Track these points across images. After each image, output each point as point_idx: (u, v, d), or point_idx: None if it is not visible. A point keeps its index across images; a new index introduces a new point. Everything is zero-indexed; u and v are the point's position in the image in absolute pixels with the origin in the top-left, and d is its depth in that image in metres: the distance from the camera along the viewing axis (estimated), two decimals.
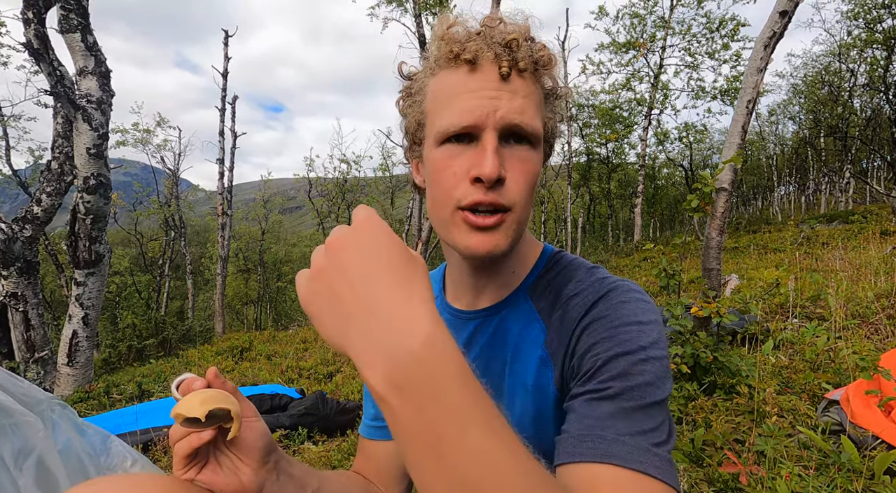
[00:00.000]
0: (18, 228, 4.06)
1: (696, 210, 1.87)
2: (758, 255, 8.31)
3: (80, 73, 3.75)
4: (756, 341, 2.30)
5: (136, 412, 2.15)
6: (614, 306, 0.52)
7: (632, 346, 0.47)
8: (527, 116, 0.52)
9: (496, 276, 0.62)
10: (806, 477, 1.25)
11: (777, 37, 1.76)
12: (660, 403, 0.46)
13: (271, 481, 0.53)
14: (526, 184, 0.53)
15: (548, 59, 0.54)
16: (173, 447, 0.50)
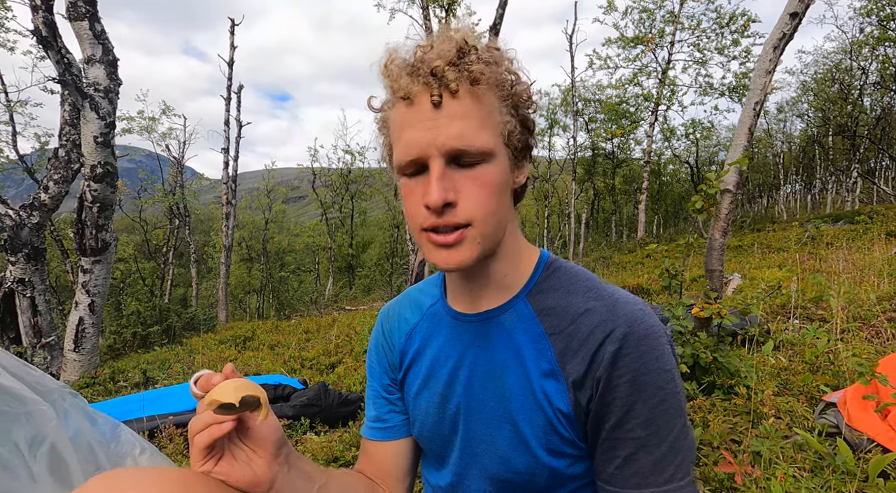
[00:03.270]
0: (26, 214, 4.10)
1: (700, 211, 1.88)
2: (761, 254, 8.30)
3: (87, 62, 3.75)
4: (756, 343, 2.32)
5: (142, 399, 2.19)
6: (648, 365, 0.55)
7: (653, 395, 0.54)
8: (467, 139, 0.53)
9: (488, 281, 0.64)
10: (800, 478, 1.27)
11: (787, 38, 1.75)
12: (686, 440, 0.56)
13: (283, 473, 0.56)
14: (483, 198, 0.55)
15: (480, 73, 0.53)
16: (192, 439, 0.52)
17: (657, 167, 21.91)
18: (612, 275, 8.56)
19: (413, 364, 0.71)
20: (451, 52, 0.54)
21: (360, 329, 5.65)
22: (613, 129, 15.43)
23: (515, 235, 0.64)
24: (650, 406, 0.54)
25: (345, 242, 22.50)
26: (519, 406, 0.60)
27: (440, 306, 0.71)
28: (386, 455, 0.73)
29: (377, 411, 0.75)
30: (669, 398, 0.54)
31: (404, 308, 0.75)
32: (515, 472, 0.61)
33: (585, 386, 0.56)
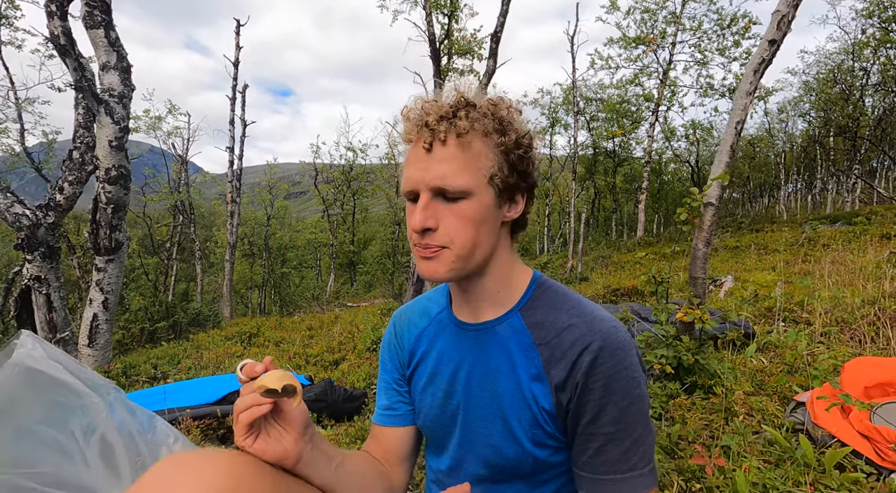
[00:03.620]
0: (42, 214, 4.24)
1: (685, 223, 2.01)
2: (758, 255, 8.41)
3: (102, 68, 3.89)
4: (738, 346, 2.45)
5: (164, 392, 2.34)
6: (618, 373, 0.67)
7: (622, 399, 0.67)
8: (448, 179, 0.66)
9: (483, 296, 0.76)
10: (764, 470, 1.41)
11: (766, 63, 1.87)
12: (648, 435, 0.69)
13: (308, 451, 0.69)
14: (460, 228, 0.68)
15: (464, 128, 0.67)
16: (237, 417, 0.65)
17: (658, 166, 21.96)
18: (609, 275, 8.69)
19: (420, 363, 0.84)
20: (445, 108, 0.68)
21: (363, 327, 5.80)
22: (614, 129, 15.51)
23: (508, 259, 0.76)
24: (619, 407, 0.66)
25: (346, 239, 22.63)
26: (510, 404, 0.72)
27: (446, 314, 0.83)
28: (392, 439, 0.86)
29: (388, 400, 0.87)
30: (636, 402, 0.67)
31: (414, 314, 0.88)
32: (505, 459, 0.74)
33: (566, 389, 0.68)
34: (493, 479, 0.77)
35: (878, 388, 1.67)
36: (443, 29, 5.13)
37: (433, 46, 5.04)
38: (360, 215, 23.71)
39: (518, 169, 0.71)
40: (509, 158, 0.70)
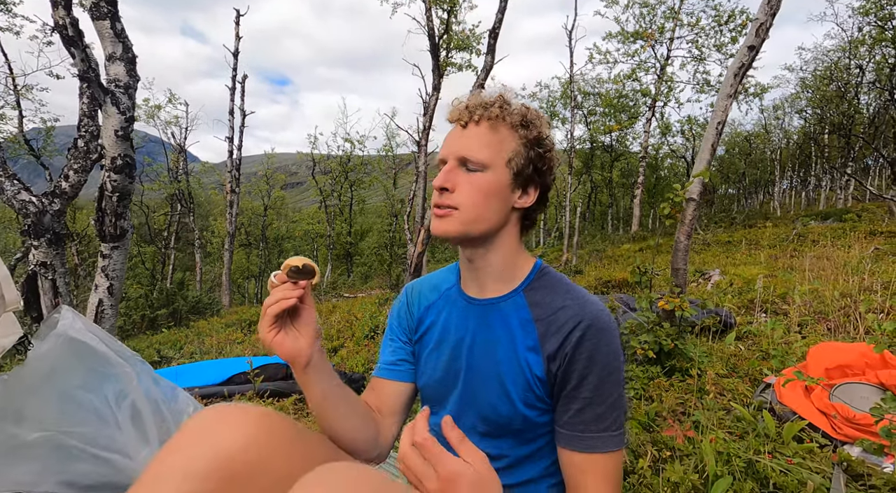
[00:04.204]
0: (48, 201, 4.33)
1: (668, 217, 2.14)
2: (748, 250, 8.58)
3: (108, 59, 3.96)
4: (717, 333, 2.60)
5: (176, 373, 2.47)
6: (601, 348, 0.78)
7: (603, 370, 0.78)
8: (472, 151, 0.80)
9: (488, 272, 0.86)
10: (729, 440, 1.55)
11: (746, 68, 1.99)
12: (621, 403, 0.79)
13: (316, 356, 0.79)
14: (471, 193, 0.79)
15: (496, 115, 0.82)
16: (265, 312, 0.75)
17: (654, 162, 22.09)
18: (603, 268, 8.84)
19: (427, 332, 0.95)
20: (486, 99, 0.83)
21: (361, 316, 5.93)
22: (611, 124, 15.61)
23: (514, 243, 0.87)
24: (599, 377, 0.78)
25: (343, 230, 22.70)
26: (507, 370, 0.84)
27: (455, 290, 0.94)
28: (389, 392, 0.95)
29: (392, 357, 0.98)
30: (614, 373, 0.79)
31: (425, 287, 1.00)
32: (499, 416, 0.86)
33: (556, 359, 0.80)
34: (487, 433, 0.89)
35: (838, 370, 1.82)
36: (442, 24, 5.20)
37: (432, 41, 5.11)
38: (358, 207, 23.76)
39: (535, 164, 0.83)
40: (529, 152, 0.82)
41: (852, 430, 1.58)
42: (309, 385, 0.79)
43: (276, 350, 0.76)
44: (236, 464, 0.67)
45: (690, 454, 1.52)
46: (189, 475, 0.65)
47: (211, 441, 0.68)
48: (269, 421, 0.73)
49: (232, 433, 0.69)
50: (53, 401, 1.12)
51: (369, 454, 0.88)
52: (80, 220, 16.04)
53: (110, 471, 1.18)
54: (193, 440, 0.69)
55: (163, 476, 0.66)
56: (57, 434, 1.11)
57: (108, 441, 1.20)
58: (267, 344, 0.76)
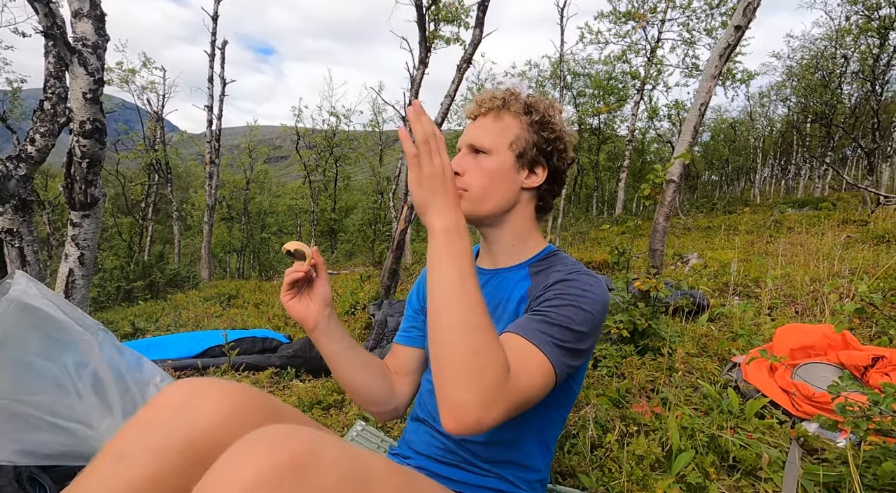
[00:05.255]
0: (13, 165, 4.14)
1: (648, 198, 2.14)
2: (726, 235, 8.76)
3: (75, 16, 3.74)
4: (691, 314, 2.65)
5: (147, 345, 2.42)
6: (575, 277, 0.83)
7: (569, 298, 0.79)
8: (477, 138, 0.89)
9: (500, 247, 0.94)
10: (694, 416, 1.60)
11: (731, 48, 1.96)
12: (573, 330, 0.76)
13: (324, 322, 0.91)
14: (478, 175, 0.88)
15: (498, 106, 0.91)
16: (286, 278, 0.89)
17: (641, 145, 22.18)
18: (586, 250, 8.94)
19: None
20: (494, 93, 0.92)
21: (342, 292, 5.91)
22: (600, 105, 15.54)
23: (526, 222, 0.94)
24: (563, 302, 0.78)
25: (328, 207, 22.40)
26: (504, 324, 0.87)
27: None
28: (404, 355, 1.05)
29: (406, 324, 1.08)
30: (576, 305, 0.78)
31: None
32: None
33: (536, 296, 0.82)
34: None
35: (801, 350, 1.88)
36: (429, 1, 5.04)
37: (419, 12, 4.95)
38: (343, 183, 23.41)
39: (539, 146, 0.89)
40: (533, 135, 0.89)
41: (811, 407, 1.63)
42: (319, 344, 0.93)
43: (288, 311, 0.91)
44: (209, 441, 0.66)
45: (657, 429, 1.56)
46: (159, 452, 0.64)
47: (184, 418, 0.67)
48: (244, 397, 0.73)
49: (205, 410, 0.68)
50: (7, 368, 1.08)
51: (384, 406, 0.99)
52: (52, 188, 15.47)
53: (71, 440, 1.15)
54: (164, 416, 0.67)
55: (130, 453, 0.64)
56: (10, 402, 1.08)
57: (68, 410, 1.17)
58: (283, 305, 0.91)
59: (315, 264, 0.93)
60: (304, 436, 0.55)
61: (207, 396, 0.69)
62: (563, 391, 0.89)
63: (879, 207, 7.85)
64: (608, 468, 1.40)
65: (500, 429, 0.88)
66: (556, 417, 0.92)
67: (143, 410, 0.69)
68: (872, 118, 13.64)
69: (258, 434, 0.55)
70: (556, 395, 0.87)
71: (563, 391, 0.90)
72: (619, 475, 1.35)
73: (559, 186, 0.95)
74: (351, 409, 2.13)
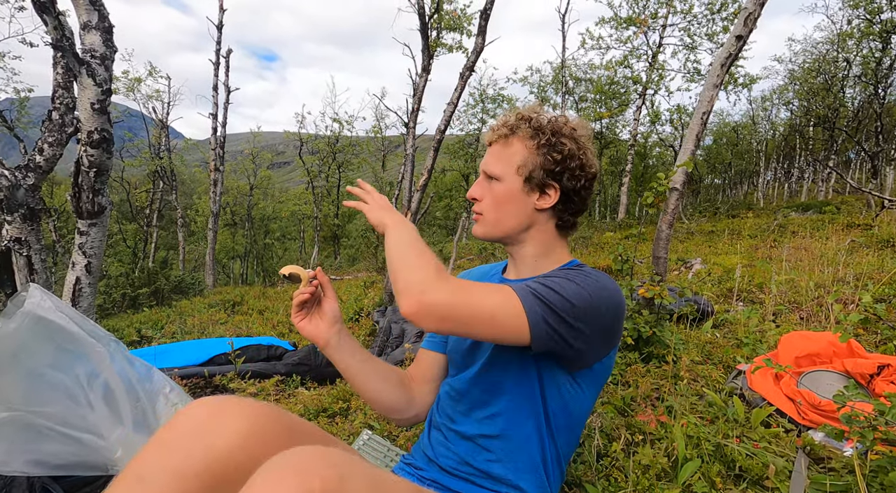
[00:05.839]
0: (21, 175, 4.19)
1: (651, 205, 2.16)
2: (730, 240, 8.74)
3: (83, 28, 3.81)
4: (695, 321, 2.65)
5: (154, 353, 2.44)
6: (588, 270, 0.87)
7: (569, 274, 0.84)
8: (489, 166, 0.96)
9: (523, 260, 0.99)
10: (699, 425, 1.60)
11: (733, 58, 1.98)
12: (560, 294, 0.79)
13: (335, 339, 0.96)
14: (490, 201, 0.95)
15: (504, 134, 0.95)
16: (294, 300, 0.95)
17: (643, 150, 22.19)
18: (589, 255, 8.93)
19: None
20: (505, 120, 0.96)
21: (346, 298, 5.92)
22: (602, 110, 15.58)
23: (548, 240, 0.98)
24: (559, 276, 0.83)
25: (331, 212, 22.45)
26: None
27: (498, 276, 1.08)
28: (425, 361, 1.09)
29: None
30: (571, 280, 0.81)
31: (475, 273, 1.15)
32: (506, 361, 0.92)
33: None
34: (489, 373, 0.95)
35: (807, 358, 1.88)
36: (433, 2, 5.09)
37: (422, 20, 5.00)
38: (346, 188, 23.44)
39: (546, 168, 0.92)
40: (540, 157, 0.92)
41: (817, 416, 1.63)
42: (333, 360, 0.97)
43: (300, 332, 0.95)
44: (228, 464, 0.65)
45: (662, 437, 1.56)
46: (178, 475, 0.64)
47: (202, 440, 0.66)
48: (262, 416, 0.73)
49: (223, 431, 0.68)
50: (21, 380, 1.10)
51: (403, 413, 1.03)
52: (58, 195, 15.59)
53: (82, 450, 1.17)
54: (183, 438, 0.67)
55: (149, 476, 0.64)
56: (25, 414, 1.09)
57: (80, 421, 1.18)
58: (295, 327, 0.96)
59: (321, 283, 0.96)
60: (332, 460, 0.55)
61: (225, 416, 0.69)
62: (571, 401, 0.90)
63: (883, 211, 7.82)
64: (614, 477, 1.41)
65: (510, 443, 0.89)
66: (567, 430, 0.92)
67: (161, 431, 0.69)
68: (875, 121, 13.61)
69: (285, 459, 0.55)
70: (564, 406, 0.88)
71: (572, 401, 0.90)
72: (626, 484, 1.35)
73: (579, 202, 0.96)
74: (357, 417, 2.13)
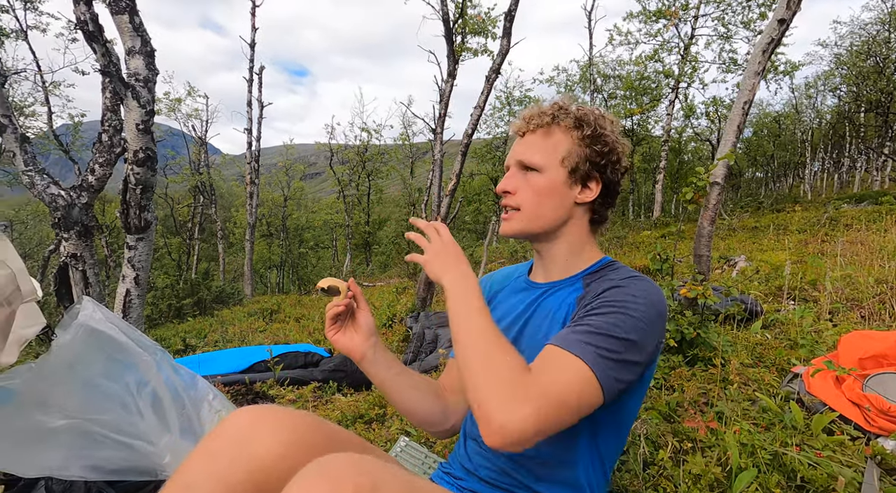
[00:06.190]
0: (76, 195, 4.45)
1: (690, 202, 2.06)
2: (776, 235, 8.29)
3: (128, 53, 4.01)
4: (743, 321, 2.51)
5: (198, 361, 2.53)
6: (626, 283, 0.80)
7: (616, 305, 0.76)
8: (526, 155, 0.88)
9: (553, 261, 0.93)
10: (754, 432, 1.50)
11: (775, 43, 1.87)
12: (619, 338, 0.72)
13: (370, 352, 0.93)
14: (530, 193, 0.88)
15: (547, 122, 0.89)
16: (328, 313, 0.92)
17: (677, 145, 21.46)
18: (624, 255, 8.68)
19: (491, 311, 0.99)
20: (541, 109, 0.91)
21: (379, 304, 5.98)
22: (632, 107, 15.18)
23: (581, 237, 0.92)
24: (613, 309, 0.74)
25: (362, 220, 22.83)
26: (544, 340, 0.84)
27: (523, 278, 1.02)
28: (456, 370, 1.02)
29: None
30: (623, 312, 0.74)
31: (498, 276, 1.10)
32: None
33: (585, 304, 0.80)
34: None
35: (872, 359, 1.74)
36: (457, 8, 5.11)
37: (447, 26, 5.02)
38: (375, 196, 23.82)
39: (591, 160, 0.88)
40: (585, 149, 0.87)
41: (887, 422, 1.51)
42: (369, 374, 0.94)
43: (335, 346, 0.92)
44: (272, 472, 0.67)
45: (713, 445, 1.48)
46: (224, 483, 0.66)
47: (246, 449, 0.69)
48: (303, 425, 0.74)
49: (266, 440, 0.70)
50: (77, 389, 1.15)
51: (439, 426, 1.00)
52: (108, 212, 16.56)
53: (133, 456, 1.21)
54: (228, 447, 0.69)
55: (196, 484, 0.66)
56: (81, 421, 1.15)
57: (131, 428, 1.23)
58: (330, 341, 0.93)
59: (354, 295, 0.94)
60: (366, 467, 0.55)
61: (268, 425, 0.71)
62: (618, 409, 0.85)
63: None
64: (663, 487, 1.34)
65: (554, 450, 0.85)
66: (614, 437, 0.88)
67: (205, 440, 0.71)
68: None
69: (319, 466, 0.55)
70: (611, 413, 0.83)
71: (619, 409, 0.85)
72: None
73: (613, 197, 0.93)
74: (393, 423, 2.13)
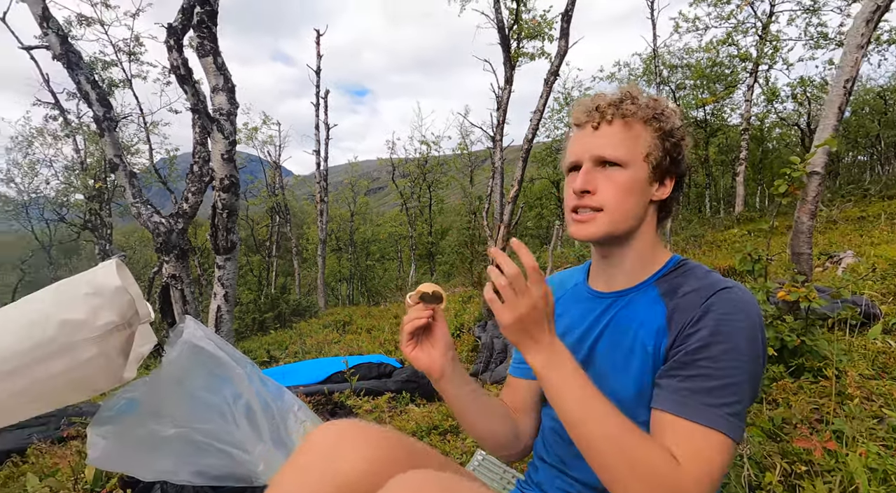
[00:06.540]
0: (174, 221, 4.94)
1: (784, 195, 1.86)
2: (889, 226, 7.28)
3: (213, 91, 4.40)
4: (857, 326, 2.21)
5: (283, 372, 2.70)
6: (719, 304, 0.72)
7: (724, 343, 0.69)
8: (608, 149, 0.79)
9: (621, 267, 0.86)
10: (885, 455, 1.31)
11: (882, 10, 1.63)
12: (740, 384, 0.68)
13: (448, 368, 0.86)
14: (614, 191, 0.79)
15: (629, 111, 0.81)
16: (402, 328, 0.85)
17: (759, 133, 19.66)
18: (703, 255, 8.06)
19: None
20: (615, 97, 0.83)
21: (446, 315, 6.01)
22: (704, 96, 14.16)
23: (651, 238, 0.86)
24: (722, 351, 0.69)
25: (424, 231, 23.26)
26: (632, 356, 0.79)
27: (582, 286, 0.95)
28: (522, 389, 0.98)
29: (519, 355, 1.00)
30: (741, 355, 0.68)
31: (552, 284, 1.02)
32: (618, 400, 0.77)
33: (682, 334, 0.73)
34: None
35: None
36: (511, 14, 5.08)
37: (502, 33, 5.02)
38: (437, 207, 24.20)
39: (671, 154, 0.82)
40: (664, 143, 0.82)
41: None
42: (445, 393, 0.88)
43: (414, 363, 0.85)
44: (357, 488, 0.69)
45: (833, 469, 1.30)
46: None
47: (333, 464, 0.71)
48: (387, 442, 0.75)
49: (352, 456, 0.71)
50: (184, 401, 1.27)
51: (510, 449, 0.94)
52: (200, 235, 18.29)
53: (232, 463, 1.30)
54: (317, 461, 0.72)
55: None
56: (188, 430, 1.26)
57: (229, 437, 1.32)
58: (407, 357, 0.86)
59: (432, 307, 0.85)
60: (445, 484, 0.55)
61: (352, 441, 0.73)
62: None
63: None
64: None
65: None
66: None
67: (296, 454, 0.74)
68: None
69: (399, 483, 0.56)
70: None
71: None
72: None
73: (682, 192, 0.86)
74: (468, 435, 2.12)
